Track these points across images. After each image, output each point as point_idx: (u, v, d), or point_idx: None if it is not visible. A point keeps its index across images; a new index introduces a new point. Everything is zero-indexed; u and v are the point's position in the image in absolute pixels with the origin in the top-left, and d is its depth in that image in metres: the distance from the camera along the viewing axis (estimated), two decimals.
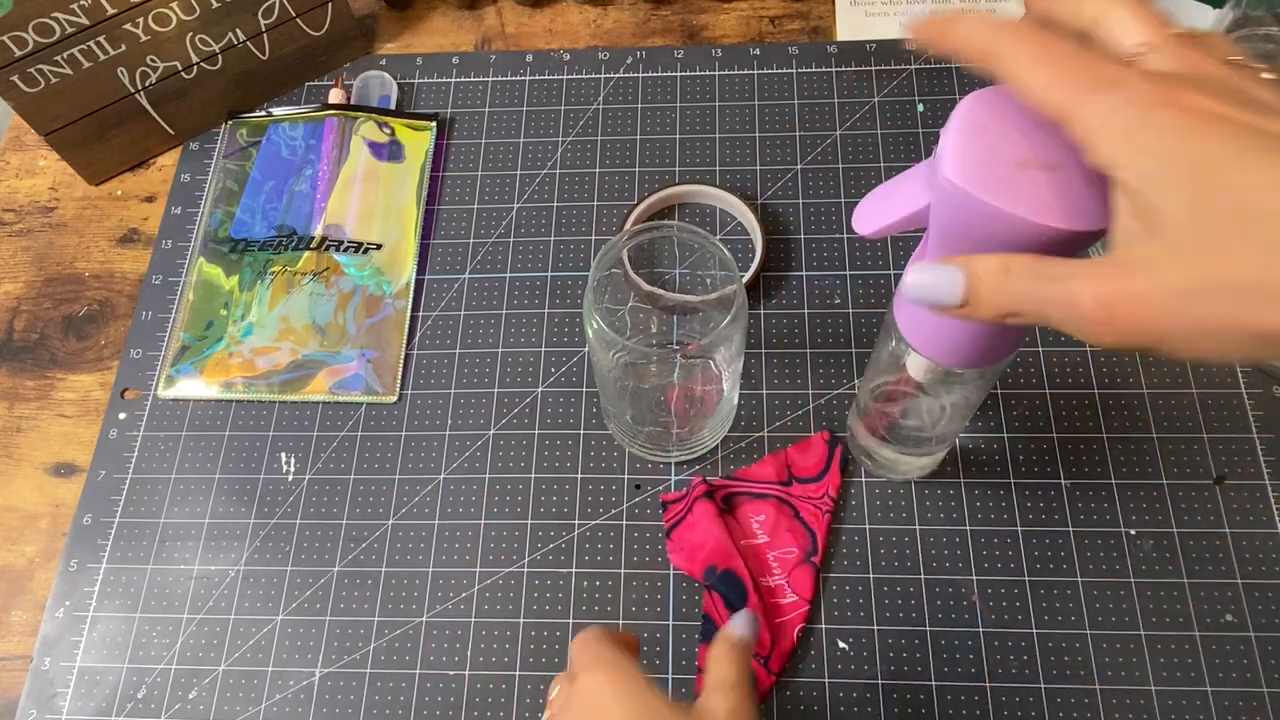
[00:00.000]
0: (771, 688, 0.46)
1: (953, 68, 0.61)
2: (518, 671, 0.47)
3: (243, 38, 0.60)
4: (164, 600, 0.50)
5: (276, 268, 0.58)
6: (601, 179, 0.60)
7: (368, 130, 0.61)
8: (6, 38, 0.52)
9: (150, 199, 0.62)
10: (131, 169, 0.63)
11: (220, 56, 0.60)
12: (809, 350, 0.54)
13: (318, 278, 0.57)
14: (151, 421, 0.55)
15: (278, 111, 0.63)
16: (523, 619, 0.48)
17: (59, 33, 0.54)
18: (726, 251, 0.42)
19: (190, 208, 0.61)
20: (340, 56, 0.65)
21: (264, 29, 0.60)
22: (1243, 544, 0.47)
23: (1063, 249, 0.26)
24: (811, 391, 0.53)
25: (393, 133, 0.61)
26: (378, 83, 0.64)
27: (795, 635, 0.46)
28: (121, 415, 0.55)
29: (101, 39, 0.55)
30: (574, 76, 0.64)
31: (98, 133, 0.60)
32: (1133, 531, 0.48)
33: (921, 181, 0.29)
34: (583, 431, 0.53)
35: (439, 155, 0.62)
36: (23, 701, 0.48)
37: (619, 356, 0.45)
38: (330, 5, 0.61)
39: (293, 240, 0.58)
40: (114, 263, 0.61)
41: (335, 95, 0.63)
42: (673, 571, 0.49)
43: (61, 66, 0.55)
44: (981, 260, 0.26)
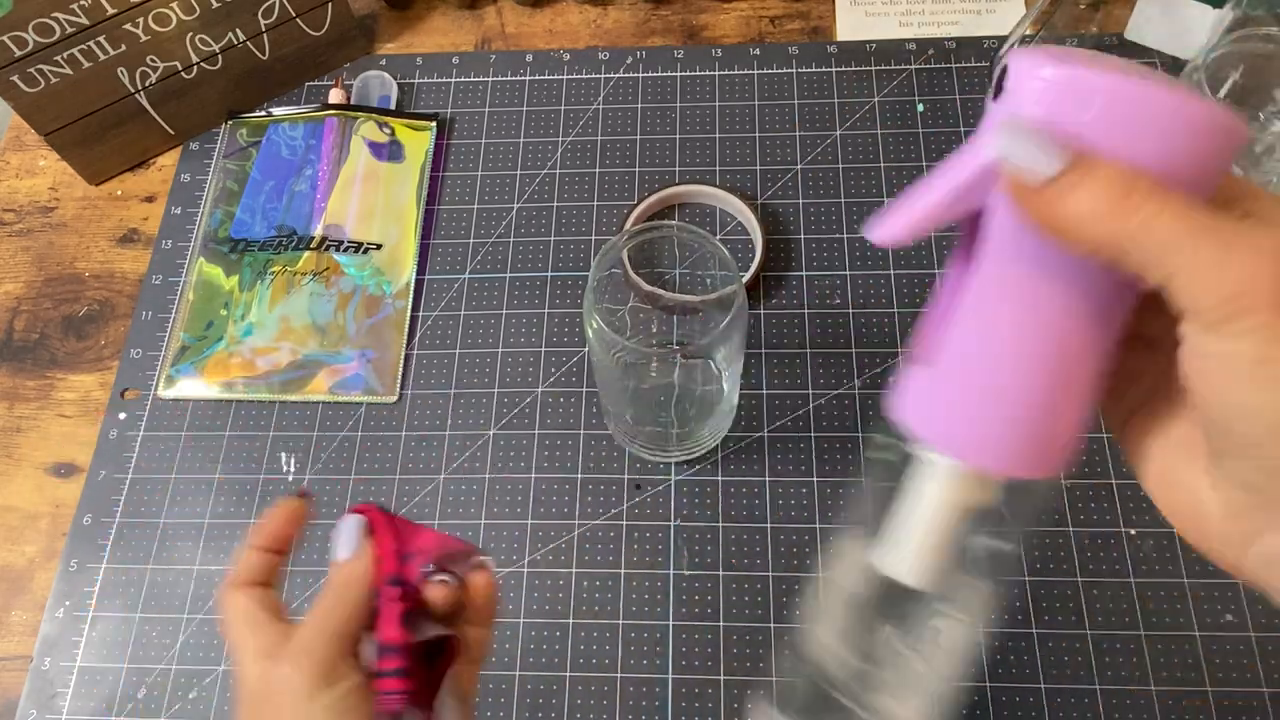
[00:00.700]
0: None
1: (953, 67, 0.61)
2: (518, 671, 0.47)
3: (243, 38, 0.60)
4: (164, 600, 0.50)
5: (276, 268, 0.58)
6: (601, 179, 0.60)
7: (368, 130, 0.61)
8: (6, 38, 0.52)
9: (150, 199, 0.62)
10: (131, 169, 0.63)
11: (220, 56, 0.60)
12: (809, 350, 0.54)
13: (318, 278, 0.57)
14: (151, 421, 0.55)
15: (278, 111, 0.63)
16: (523, 619, 0.48)
17: (59, 33, 0.54)
18: (726, 251, 0.42)
19: (190, 208, 0.61)
20: (340, 56, 0.65)
21: (264, 29, 0.60)
22: None
23: (1180, 135, 0.19)
24: (811, 391, 0.53)
25: (393, 133, 0.61)
26: (378, 83, 0.64)
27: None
28: (121, 415, 0.55)
29: (101, 39, 0.55)
30: (574, 76, 0.64)
31: (98, 133, 0.60)
32: (1133, 531, 0.48)
33: (966, 154, 0.22)
34: (583, 431, 0.53)
35: (439, 155, 0.62)
36: (23, 701, 0.48)
37: (619, 356, 0.45)
38: (330, 5, 0.61)
39: (293, 240, 0.58)
40: (114, 263, 0.61)
41: (335, 95, 0.63)
42: (673, 571, 0.49)
43: (61, 66, 0.55)
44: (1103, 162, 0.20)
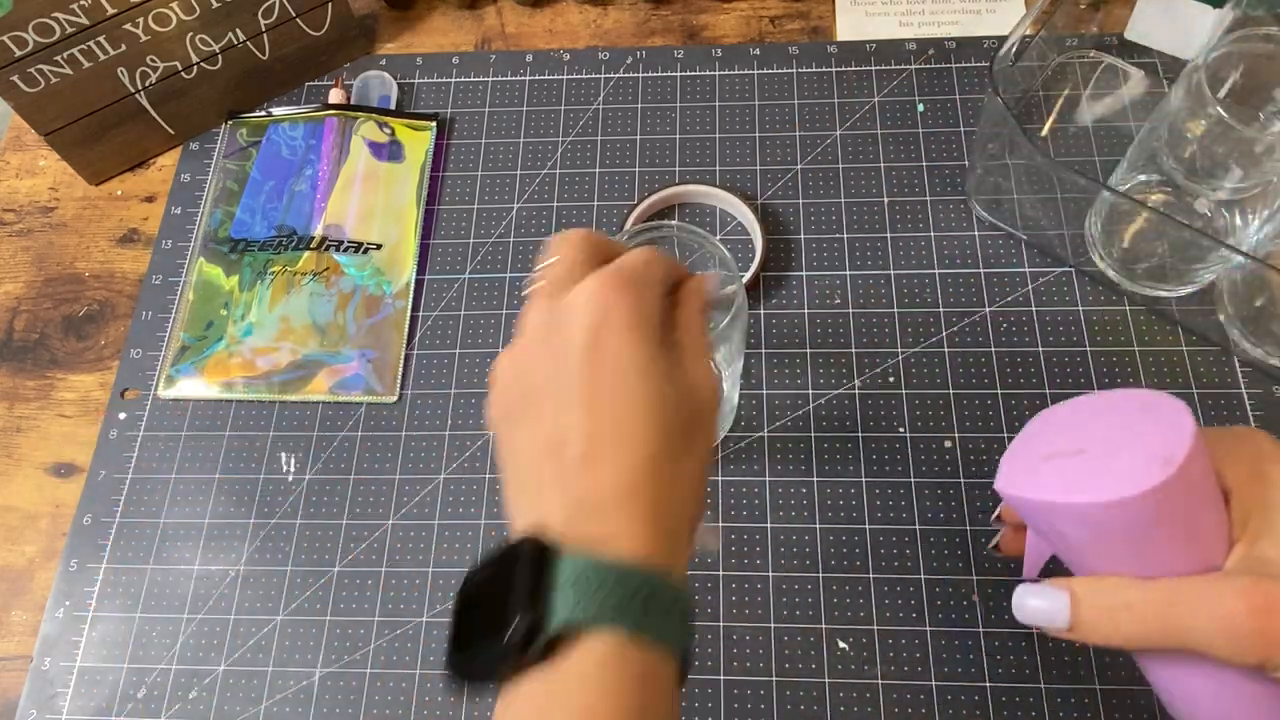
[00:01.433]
0: None
1: (953, 67, 0.61)
2: None
3: (243, 38, 0.60)
4: (164, 600, 0.50)
5: (276, 268, 0.58)
6: (601, 179, 0.60)
7: (368, 130, 0.61)
8: (6, 38, 0.52)
9: (150, 199, 0.62)
10: (131, 169, 0.63)
11: (220, 56, 0.60)
12: (809, 350, 0.54)
13: (318, 278, 0.57)
14: (151, 421, 0.55)
15: (278, 111, 0.63)
16: None
17: (59, 33, 0.54)
18: (726, 251, 0.42)
19: (190, 208, 0.61)
20: (340, 56, 0.65)
21: (264, 29, 0.60)
22: None
23: (1110, 523, 0.26)
24: (811, 391, 0.53)
25: (393, 133, 0.61)
26: (378, 83, 0.64)
27: None
28: (121, 415, 0.55)
29: (101, 39, 0.55)
30: (574, 76, 0.64)
31: (98, 133, 0.60)
32: None
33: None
34: None
35: (439, 155, 0.62)
36: (23, 701, 0.48)
37: None
38: (330, 5, 0.61)
39: (293, 240, 0.58)
40: (114, 263, 0.61)
41: (335, 95, 0.63)
42: None
43: (61, 66, 0.55)
44: (1080, 581, 0.26)
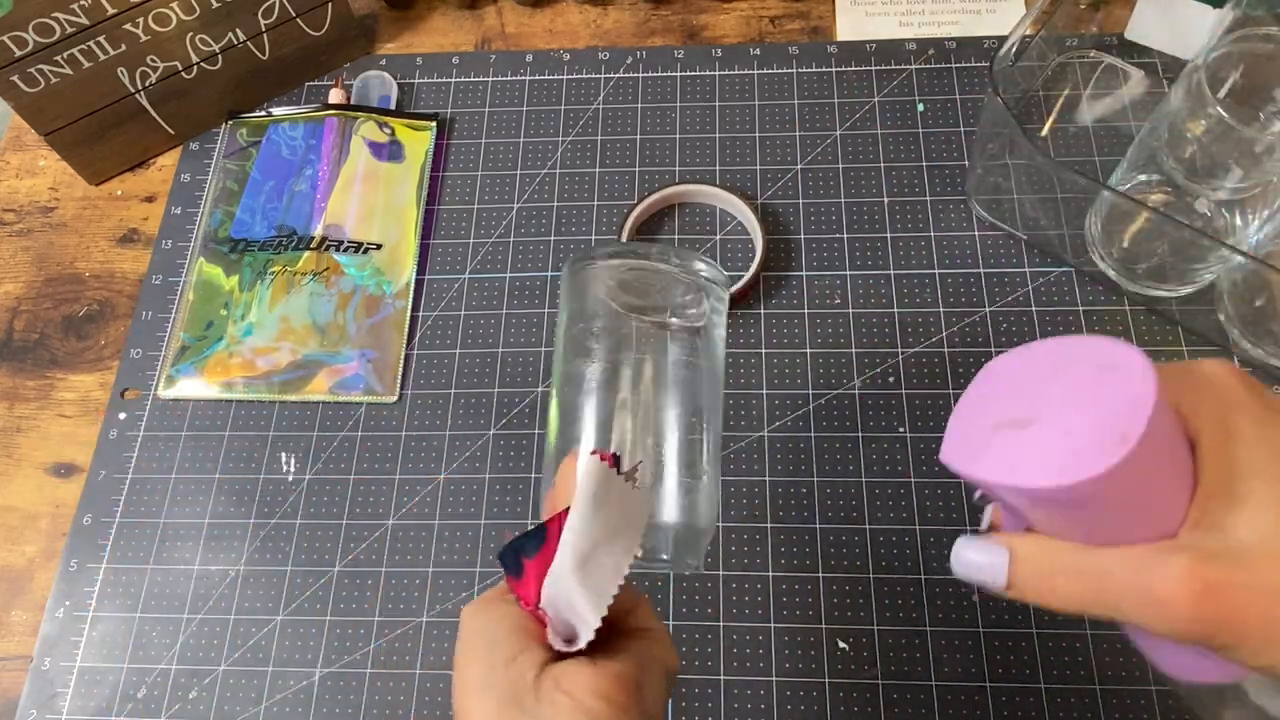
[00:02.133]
0: None
1: (953, 67, 0.61)
2: None
3: (243, 38, 0.60)
4: (164, 600, 0.50)
5: (276, 268, 0.58)
6: (601, 179, 0.60)
7: (368, 130, 0.61)
8: (6, 38, 0.52)
9: (150, 199, 0.62)
10: (131, 169, 0.63)
11: (220, 56, 0.60)
12: (809, 350, 0.54)
13: (318, 278, 0.57)
14: (151, 421, 0.55)
15: (278, 111, 0.63)
16: None
17: (59, 33, 0.54)
18: (712, 274, 0.40)
19: (190, 208, 0.61)
20: (340, 56, 0.65)
21: (264, 29, 0.60)
22: None
23: (1059, 501, 0.25)
24: (811, 391, 0.53)
25: (393, 133, 0.61)
26: (378, 83, 0.64)
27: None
28: (121, 415, 0.55)
29: (101, 39, 0.55)
30: (574, 76, 0.64)
31: (98, 133, 0.60)
32: None
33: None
34: None
35: (439, 155, 0.62)
36: (23, 701, 0.48)
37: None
38: (330, 5, 0.61)
39: (293, 240, 0.58)
40: (114, 263, 0.61)
41: (335, 95, 0.63)
42: (672, 571, 0.49)
43: (61, 66, 0.55)
44: (1021, 540, 0.25)
